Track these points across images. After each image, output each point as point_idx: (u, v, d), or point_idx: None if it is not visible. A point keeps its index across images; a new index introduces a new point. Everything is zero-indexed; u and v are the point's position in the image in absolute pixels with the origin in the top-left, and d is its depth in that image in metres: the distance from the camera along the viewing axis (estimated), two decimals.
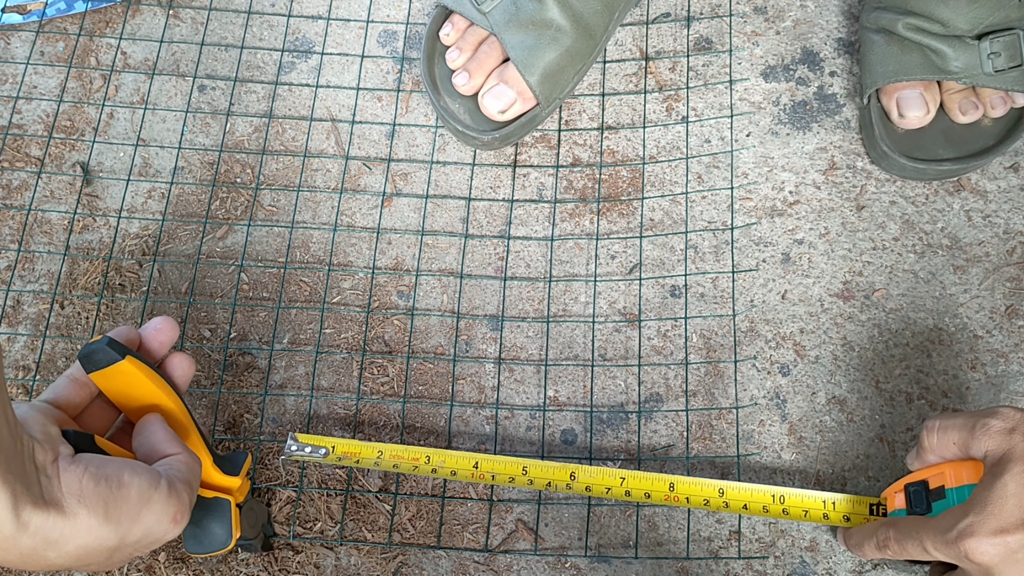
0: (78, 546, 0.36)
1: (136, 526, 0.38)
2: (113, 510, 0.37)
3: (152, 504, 0.38)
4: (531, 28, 0.60)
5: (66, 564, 0.37)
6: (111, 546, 0.37)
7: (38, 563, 0.36)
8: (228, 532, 0.47)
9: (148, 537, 0.39)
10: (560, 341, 0.61)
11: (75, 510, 0.36)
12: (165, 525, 0.39)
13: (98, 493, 0.36)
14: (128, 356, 0.43)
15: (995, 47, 0.58)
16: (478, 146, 0.64)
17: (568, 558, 0.56)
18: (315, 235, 0.63)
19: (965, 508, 0.43)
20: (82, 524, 0.36)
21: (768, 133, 0.65)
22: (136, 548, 0.39)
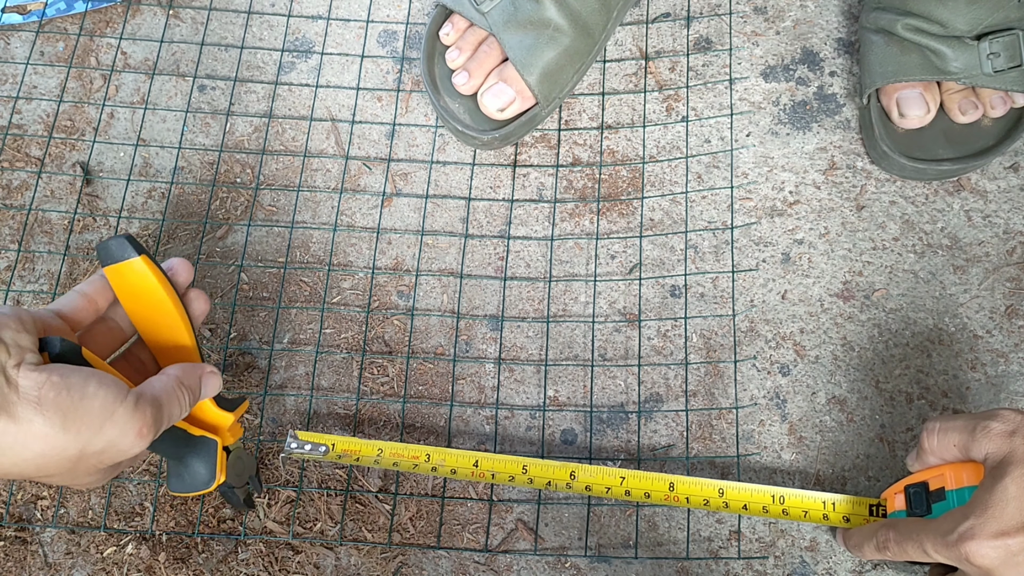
0: (35, 453, 0.36)
1: (98, 437, 0.37)
2: (72, 420, 0.36)
3: (116, 416, 0.38)
4: (529, 28, 0.60)
5: (24, 472, 0.37)
6: (71, 455, 0.37)
7: (2, 468, 0.36)
8: (211, 472, 0.46)
9: (112, 449, 0.38)
10: (560, 341, 0.61)
11: (29, 416, 0.35)
12: (130, 438, 0.39)
13: (57, 402, 0.36)
14: (144, 255, 0.43)
15: (994, 47, 0.58)
16: (478, 146, 0.64)
17: (568, 558, 0.56)
18: (315, 235, 0.63)
19: (965, 511, 0.43)
20: (37, 430, 0.36)
21: (768, 133, 0.65)
22: (101, 460, 0.39)
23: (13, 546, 0.56)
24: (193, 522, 0.56)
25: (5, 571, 0.55)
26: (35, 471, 0.37)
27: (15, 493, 0.57)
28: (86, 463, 0.38)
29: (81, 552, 0.56)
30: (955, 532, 0.43)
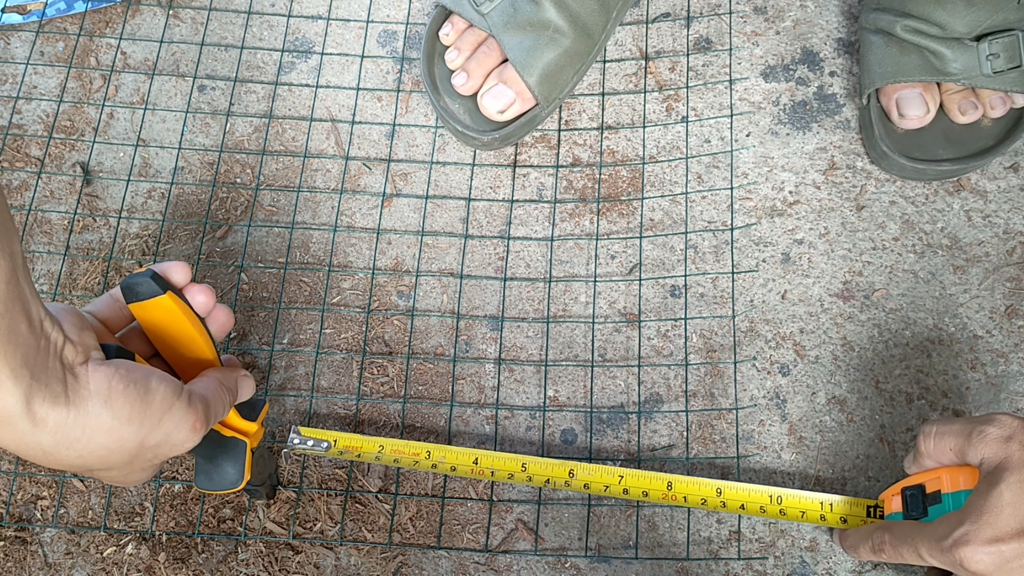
0: (100, 446, 0.37)
1: (157, 430, 0.39)
2: (137, 413, 0.38)
3: (173, 411, 0.39)
4: (529, 29, 0.60)
5: (87, 463, 0.38)
6: (132, 448, 0.38)
7: (59, 461, 0.37)
8: (240, 473, 0.47)
9: (167, 443, 0.40)
10: (560, 341, 0.61)
11: (99, 410, 0.36)
12: (185, 432, 0.40)
13: (125, 396, 0.37)
14: (169, 292, 0.44)
15: (994, 48, 0.58)
16: (478, 146, 0.64)
17: (568, 558, 0.56)
18: (315, 235, 0.63)
19: (960, 516, 0.43)
20: (104, 424, 0.37)
21: (768, 133, 0.65)
22: (156, 454, 0.40)
23: (13, 546, 0.56)
24: (193, 522, 0.56)
25: (5, 571, 0.55)
26: (97, 463, 0.38)
27: (15, 493, 0.57)
28: (143, 456, 0.39)
29: (81, 552, 0.56)
30: (950, 538, 0.43)
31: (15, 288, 0.34)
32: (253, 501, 0.56)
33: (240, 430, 0.48)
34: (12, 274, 0.33)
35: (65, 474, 0.57)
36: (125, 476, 0.41)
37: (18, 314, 0.34)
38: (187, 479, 0.57)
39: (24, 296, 0.34)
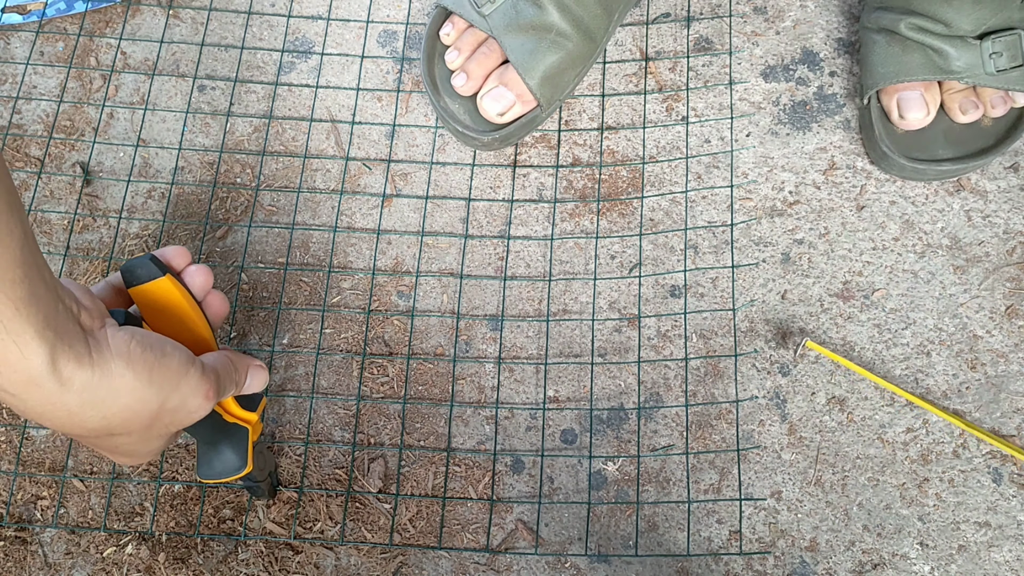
0: (122, 406, 0.38)
1: (175, 394, 0.39)
2: (157, 375, 0.38)
3: (189, 376, 0.40)
4: (531, 32, 0.60)
5: (110, 426, 0.38)
6: (152, 410, 0.39)
7: (83, 424, 0.37)
8: (243, 458, 0.48)
9: (183, 408, 0.40)
10: (560, 340, 0.61)
11: (122, 371, 0.37)
12: (199, 399, 0.41)
13: (144, 358, 0.38)
14: (168, 275, 0.44)
15: (997, 47, 0.58)
16: (478, 147, 0.64)
17: (568, 558, 0.56)
18: (315, 235, 0.63)
19: None
20: (128, 383, 0.37)
21: (768, 133, 0.65)
22: (172, 420, 0.41)
23: (13, 546, 0.56)
24: (193, 522, 0.56)
25: (5, 571, 0.55)
26: (119, 424, 0.39)
27: (15, 493, 0.57)
28: (161, 421, 0.40)
29: (81, 552, 0.56)
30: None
31: (31, 254, 0.35)
32: (253, 501, 0.56)
33: (241, 418, 0.48)
34: (25, 240, 0.34)
35: (65, 474, 0.57)
36: (140, 444, 0.41)
37: (36, 278, 0.34)
38: (187, 479, 0.57)
39: (39, 262, 0.35)
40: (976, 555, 0.55)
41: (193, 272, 0.46)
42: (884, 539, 0.56)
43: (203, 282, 0.46)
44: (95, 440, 0.40)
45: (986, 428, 0.58)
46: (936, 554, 0.55)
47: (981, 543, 0.55)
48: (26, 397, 0.35)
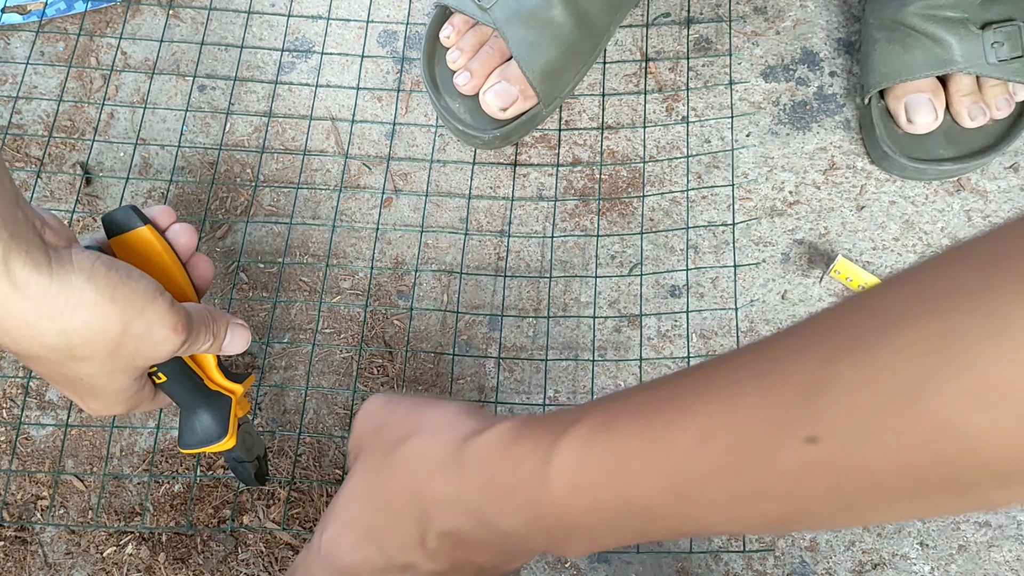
0: (83, 322, 0.37)
1: (139, 319, 0.39)
2: (120, 293, 0.38)
3: (156, 304, 0.39)
4: (534, 24, 0.60)
5: (70, 343, 0.37)
6: (115, 331, 0.38)
7: (42, 337, 0.37)
8: (224, 427, 0.47)
9: (148, 337, 0.39)
10: (560, 340, 0.61)
11: (83, 284, 0.37)
12: (166, 330, 0.40)
13: (108, 276, 0.37)
14: (149, 225, 0.44)
15: (998, 36, 0.58)
16: (479, 145, 0.64)
17: (568, 558, 0.56)
18: (315, 234, 0.63)
19: (323, 521, 0.40)
20: (88, 297, 0.37)
21: (768, 133, 0.65)
22: (138, 349, 0.40)
23: (13, 546, 0.56)
24: (193, 522, 0.56)
25: (5, 571, 0.55)
26: (80, 343, 0.38)
27: (15, 493, 0.57)
28: (125, 349, 0.39)
29: (81, 552, 0.56)
30: (323, 547, 0.39)
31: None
32: (253, 500, 0.56)
33: (224, 387, 0.47)
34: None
35: (64, 472, 0.57)
36: (106, 377, 0.40)
37: (4, 182, 0.35)
38: (187, 480, 0.57)
39: (7, 179, 0.35)
40: (976, 555, 0.55)
41: (177, 231, 0.46)
42: (884, 539, 0.56)
43: (187, 242, 0.46)
44: (57, 367, 0.39)
45: None
46: (936, 554, 0.55)
47: (981, 543, 0.55)
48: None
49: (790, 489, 0.27)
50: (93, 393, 0.42)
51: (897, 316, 0.24)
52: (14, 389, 0.59)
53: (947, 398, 0.23)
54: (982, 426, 0.22)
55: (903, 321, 0.24)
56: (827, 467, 0.25)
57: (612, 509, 0.31)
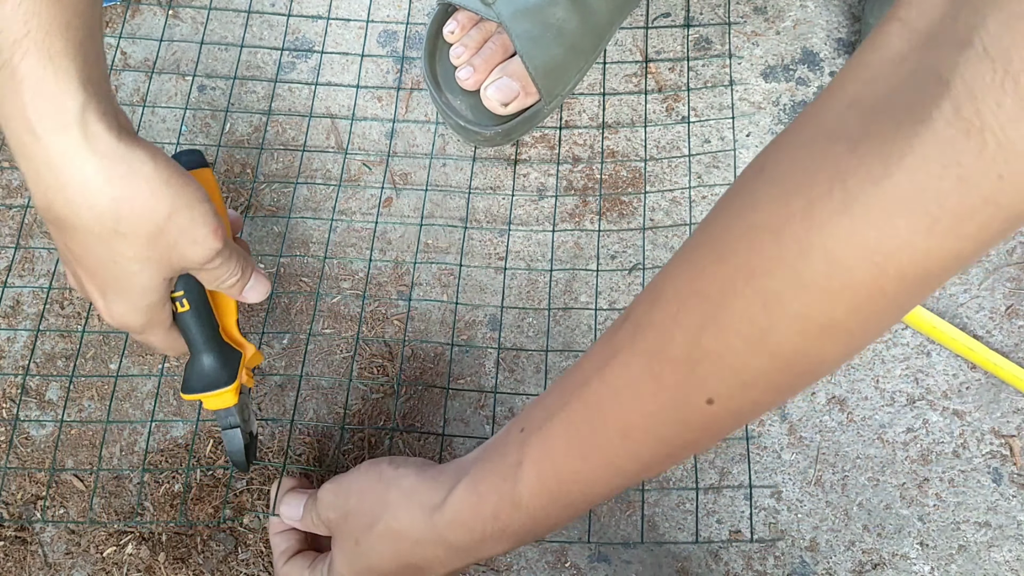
0: (135, 194, 0.39)
1: (186, 211, 0.41)
2: (174, 183, 0.40)
3: (203, 205, 0.41)
4: (538, 20, 0.60)
5: (119, 215, 0.39)
6: (162, 214, 0.40)
7: (95, 203, 0.38)
8: (231, 376, 0.48)
9: (190, 232, 0.41)
10: (560, 340, 0.61)
11: (144, 160, 0.39)
12: (207, 231, 0.42)
13: (168, 165, 0.40)
14: (211, 169, 0.50)
15: None
16: (479, 141, 0.64)
17: (568, 558, 0.56)
18: (314, 235, 0.63)
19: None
20: (147, 172, 0.39)
21: (768, 133, 0.65)
22: (177, 244, 0.41)
23: (13, 546, 0.56)
24: (188, 516, 0.56)
25: (5, 571, 0.55)
26: (128, 215, 0.39)
27: (15, 493, 0.57)
28: (166, 237, 0.41)
29: (81, 552, 0.56)
30: None
31: (96, 21, 0.38)
32: (253, 500, 0.56)
33: (237, 342, 0.49)
34: (93, 6, 0.38)
35: (64, 469, 0.57)
36: (140, 265, 0.41)
37: (90, 43, 0.38)
38: (187, 480, 0.57)
39: (99, 38, 0.39)
40: (976, 555, 0.55)
41: (235, 218, 0.51)
42: (884, 539, 0.56)
43: (234, 220, 0.51)
44: (96, 243, 0.40)
45: (986, 428, 0.58)
46: (936, 554, 0.55)
47: (981, 543, 0.55)
48: (49, 141, 0.37)
49: (703, 435, 0.35)
50: (119, 287, 0.43)
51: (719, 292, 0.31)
52: (14, 389, 0.59)
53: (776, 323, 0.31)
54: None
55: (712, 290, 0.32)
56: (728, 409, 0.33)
57: (570, 505, 0.38)
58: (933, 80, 0.26)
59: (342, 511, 0.44)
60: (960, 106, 0.25)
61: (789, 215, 0.29)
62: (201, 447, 0.58)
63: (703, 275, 0.32)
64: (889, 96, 0.28)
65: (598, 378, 0.35)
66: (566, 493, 0.37)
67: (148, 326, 0.45)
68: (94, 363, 0.60)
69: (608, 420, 0.35)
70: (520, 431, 0.39)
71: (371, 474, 0.44)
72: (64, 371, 0.60)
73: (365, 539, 0.43)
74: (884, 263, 0.27)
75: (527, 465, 0.37)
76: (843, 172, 0.28)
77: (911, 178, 0.26)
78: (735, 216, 0.31)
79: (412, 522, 0.41)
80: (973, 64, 0.25)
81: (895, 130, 0.27)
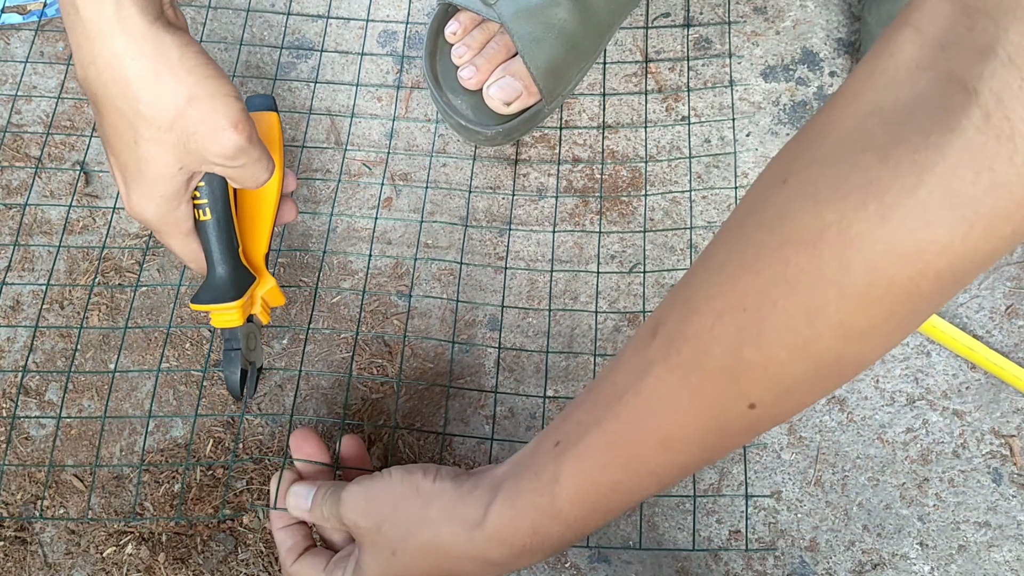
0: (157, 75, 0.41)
1: (207, 100, 0.42)
2: (198, 72, 0.42)
3: (227, 99, 0.43)
4: (539, 21, 0.60)
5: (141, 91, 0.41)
6: (183, 96, 0.42)
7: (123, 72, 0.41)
8: (240, 292, 0.50)
9: (210, 121, 0.43)
10: (560, 340, 0.61)
11: (171, 45, 0.41)
12: (227, 123, 0.43)
13: (197, 56, 0.42)
14: (277, 113, 0.53)
15: None
16: (480, 141, 0.64)
17: (568, 558, 0.56)
18: (314, 235, 0.63)
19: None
20: (172, 56, 0.41)
21: (768, 133, 0.65)
22: (197, 129, 0.43)
23: (13, 546, 0.56)
24: (193, 522, 0.56)
25: (5, 571, 0.55)
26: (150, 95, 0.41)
27: (15, 493, 0.57)
28: (185, 121, 0.42)
29: (81, 552, 0.56)
30: None
31: None
32: (253, 500, 0.56)
33: (255, 269, 0.51)
34: None
35: (64, 465, 0.57)
36: (159, 150, 0.43)
37: None
38: (187, 479, 0.57)
39: None
40: (976, 555, 0.55)
41: (288, 173, 0.53)
42: (884, 539, 0.56)
43: (291, 183, 0.53)
44: (122, 117, 0.42)
45: (986, 428, 0.58)
46: (936, 554, 0.55)
47: (981, 543, 0.55)
48: (86, 15, 0.40)
49: (743, 438, 0.35)
50: (138, 170, 0.44)
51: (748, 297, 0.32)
52: (13, 389, 0.59)
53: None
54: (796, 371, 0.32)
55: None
56: (769, 414, 0.34)
57: (609, 512, 0.39)
58: (958, 88, 0.27)
59: (375, 520, 0.44)
60: (990, 113, 0.26)
61: (823, 227, 0.29)
62: (201, 447, 0.58)
63: (737, 288, 0.32)
64: (913, 104, 0.28)
65: (633, 392, 0.36)
66: (605, 502, 0.38)
67: (164, 224, 0.47)
68: (94, 363, 0.60)
69: (648, 433, 0.36)
70: (555, 445, 0.39)
71: (407, 485, 0.43)
72: (64, 370, 0.60)
73: (403, 552, 0.42)
74: (923, 268, 0.28)
75: (564, 480, 0.38)
76: (876, 183, 0.28)
77: (945, 185, 0.27)
78: (764, 230, 0.31)
79: (454, 539, 0.41)
80: (999, 73, 0.26)
81: (924, 139, 0.27)
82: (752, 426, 0.34)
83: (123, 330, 0.60)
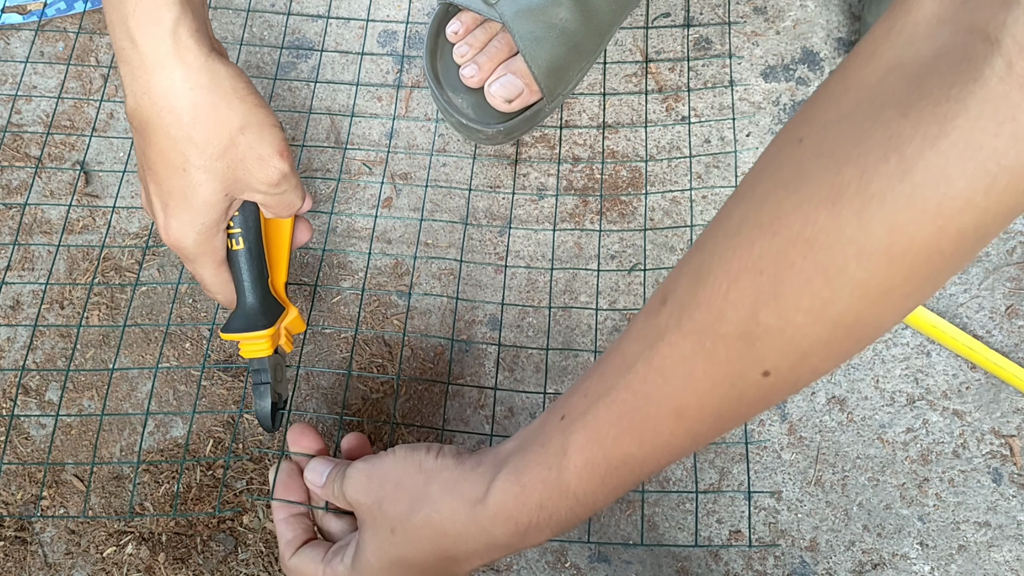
0: (213, 104, 0.43)
1: (256, 129, 0.44)
2: (249, 102, 0.44)
3: (274, 129, 0.45)
4: (540, 20, 0.60)
5: (194, 119, 0.43)
6: (235, 125, 0.44)
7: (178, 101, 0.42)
8: (270, 322, 0.50)
9: (258, 149, 0.45)
10: (560, 340, 0.61)
11: (225, 75, 0.43)
12: (274, 150, 0.45)
13: (248, 86, 0.44)
14: None
15: None
16: (481, 140, 0.64)
17: (568, 558, 0.56)
18: (314, 235, 0.63)
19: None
20: (226, 86, 0.43)
21: (768, 133, 0.65)
22: (245, 155, 0.44)
23: (13, 546, 0.56)
24: (193, 522, 0.56)
25: (5, 571, 0.55)
26: (203, 122, 0.43)
27: (15, 493, 0.57)
28: (235, 150, 0.44)
29: (81, 552, 0.56)
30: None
31: None
32: (252, 500, 0.56)
33: (283, 300, 0.51)
34: None
35: (64, 464, 0.57)
36: (206, 176, 0.44)
37: None
38: (186, 480, 0.57)
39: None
40: (976, 555, 0.55)
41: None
42: (884, 539, 0.56)
43: (307, 204, 0.52)
44: (172, 145, 0.43)
45: (986, 428, 0.58)
46: (936, 554, 0.55)
47: (981, 543, 0.55)
48: (144, 48, 0.41)
49: (758, 406, 0.34)
50: (182, 197, 0.45)
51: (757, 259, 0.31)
52: (13, 389, 0.59)
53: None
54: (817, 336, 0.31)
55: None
56: (785, 380, 0.33)
57: (619, 487, 0.37)
58: (980, 38, 0.26)
59: (375, 497, 0.43)
60: (1012, 62, 0.25)
61: (843, 184, 0.28)
62: (201, 446, 0.58)
63: (753, 250, 0.31)
64: (934, 57, 0.28)
65: (644, 361, 0.34)
66: (615, 476, 0.36)
67: (200, 253, 0.47)
68: (94, 362, 0.60)
69: (661, 403, 0.34)
70: (560, 419, 0.37)
71: (409, 462, 0.42)
72: (63, 369, 0.60)
73: (402, 529, 0.41)
74: (945, 224, 0.27)
75: (573, 452, 0.36)
76: (896, 137, 0.27)
77: (967, 137, 0.26)
78: (781, 188, 0.30)
79: (454, 516, 0.39)
80: (1023, 20, 0.25)
81: (946, 91, 0.26)
82: (768, 394, 0.33)
83: (122, 328, 0.60)
